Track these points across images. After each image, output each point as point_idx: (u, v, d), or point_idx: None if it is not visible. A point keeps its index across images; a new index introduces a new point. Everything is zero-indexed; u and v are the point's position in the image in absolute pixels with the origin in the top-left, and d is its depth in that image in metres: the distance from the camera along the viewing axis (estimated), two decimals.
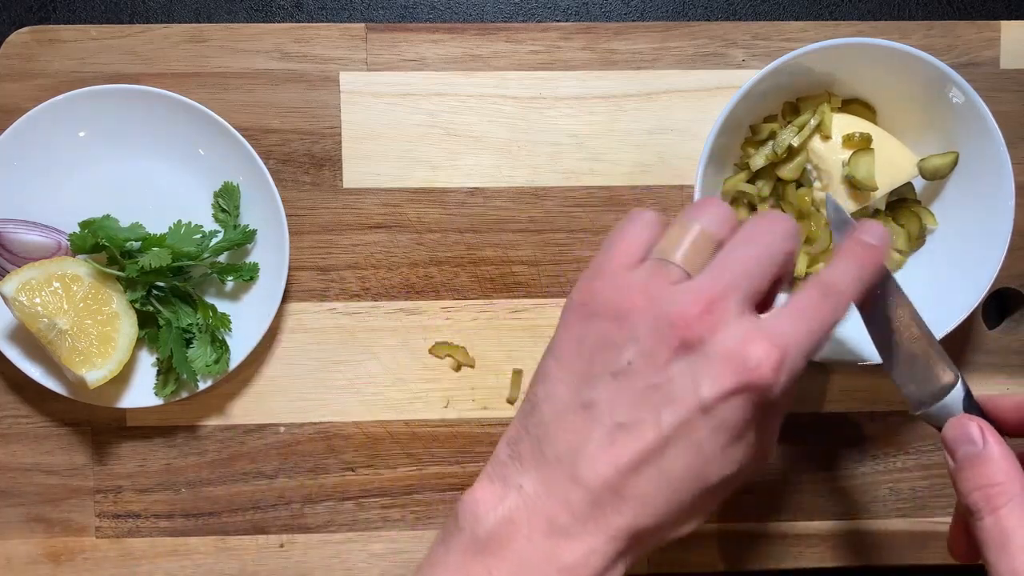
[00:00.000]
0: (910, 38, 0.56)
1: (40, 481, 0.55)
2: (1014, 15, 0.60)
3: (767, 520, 0.57)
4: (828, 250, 0.53)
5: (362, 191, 0.55)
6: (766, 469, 0.42)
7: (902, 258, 0.54)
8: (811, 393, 0.57)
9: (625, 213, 0.56)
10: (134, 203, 0.54)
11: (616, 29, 0.56)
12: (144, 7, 0.58)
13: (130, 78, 0.54)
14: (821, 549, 0.57)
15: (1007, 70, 0.56)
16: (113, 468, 0.55)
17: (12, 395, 0.55)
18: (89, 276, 0.52)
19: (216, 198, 0.54)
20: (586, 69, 0.56)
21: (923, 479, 0.57)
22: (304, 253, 0.55)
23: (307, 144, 0.55)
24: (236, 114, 0.54)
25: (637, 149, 0.56)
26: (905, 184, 0.54)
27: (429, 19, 0.58)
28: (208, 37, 0.54)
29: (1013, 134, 0.55)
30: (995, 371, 0.57)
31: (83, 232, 0.52)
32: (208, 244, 0.53)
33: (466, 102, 0.55)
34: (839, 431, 0.57)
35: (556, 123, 0.56)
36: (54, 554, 0.55)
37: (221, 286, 0.54)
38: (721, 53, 0.56)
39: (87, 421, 0.55)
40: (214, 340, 0.53)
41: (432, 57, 0.55)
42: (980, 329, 0.57)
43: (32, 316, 0.50)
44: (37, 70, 0.54)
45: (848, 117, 0.52)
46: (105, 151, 0.53)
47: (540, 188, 0.56)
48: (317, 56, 0.55)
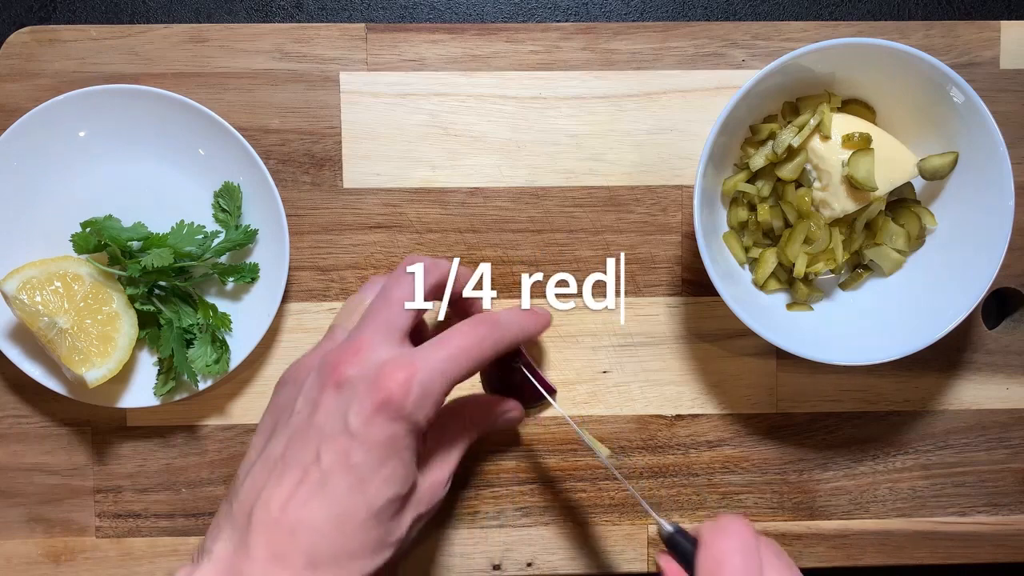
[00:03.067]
0: (910, 38, 0.56)
1: (40, 481, 0.55)
2: (1014, 15, 0.60)
3: (767, 520, 0.57)
4: (828, 250, 0.53)
5: (362, 191, 0.55)
6: (441, 496, 0.45)
7: (902, 258, 0.54)
8: (811, 393, 0.57)
9: (625, 213, 0.56)
10: (133, 203, 0.54)
11: (616, 29, 0.56)
12: (144, 7, 0.58)
13: (130, 78, 0.54)
14: (821, 549, 0.57)
15: (1007, 70, 0.56)
16: (113, 468, 0.55)
17: (12, 395, 0.55)
18: (90, 276, 0.52)
19: (216, 198, 0.54)
20: (586, 69, 0.56)
21: (923, 479, 0.57)
22: (304, 253, 0.55)
23: (307, 144, 0.55)
24: (236, 114, 0.54)
25: (637, 149, 0.56)
26: (905, 184, 0.54)
27: (429, 19, 0.58)
28: (208, 37, 0.55)
29: (1013, 134, 0.55)
30: (995, 371, 0.57)
31: (85, 232, 0.52)
32: (210, 245, 0.53)
33: (466, 102, 0.55)
34: (839, 431, 0.57)
35: (556, 123, 0.56)
36: (54, 554, 0.55)
37: (221, 286, 0.54)
38: (721, 53, 0.56)
39: (87, 421, 0.55)
40: (214, 340, 0.53)
41: (432, 57, 0.55)
42: (980, 329, 0.57)
43: (32, 315, 0.50)
44: (37, 70, 0.54)
45: (848, 117, 0.52)
46: (105, 151, 0.53)
47: (540, 188, 0.56)
48: (317, 56, 0.55)
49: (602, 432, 0.56)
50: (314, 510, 0.39)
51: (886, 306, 0.54)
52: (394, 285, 0.44)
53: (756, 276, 0.54)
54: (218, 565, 0.39)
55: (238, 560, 0.39)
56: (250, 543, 0.39)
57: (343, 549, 0.39)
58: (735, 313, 0.50)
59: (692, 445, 0.57)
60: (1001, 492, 0.57)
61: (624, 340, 0.56)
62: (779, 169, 0.53)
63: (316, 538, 0.39)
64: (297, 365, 0.46)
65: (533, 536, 0.56)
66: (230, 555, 0.39)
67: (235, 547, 0.40)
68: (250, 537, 0.39)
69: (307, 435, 0.41)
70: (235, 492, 0.42)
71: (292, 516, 0.39)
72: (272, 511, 0.39)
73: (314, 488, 0.40)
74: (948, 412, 0.57)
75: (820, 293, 0.55)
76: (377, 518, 0.40)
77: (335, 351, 0.43)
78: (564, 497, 0.56)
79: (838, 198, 0.51)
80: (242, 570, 0.39)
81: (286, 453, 0.41)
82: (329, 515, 0.39)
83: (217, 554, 0.40)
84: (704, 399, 0.56)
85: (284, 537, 0.39)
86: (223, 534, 0.40)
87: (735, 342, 0.56)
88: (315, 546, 0.39)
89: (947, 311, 0.51)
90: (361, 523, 0.40)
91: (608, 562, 0.57)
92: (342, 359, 0.42)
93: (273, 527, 0.39)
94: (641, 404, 0.56)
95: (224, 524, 0.41)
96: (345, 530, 0.39)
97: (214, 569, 0.39)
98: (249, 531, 0.39)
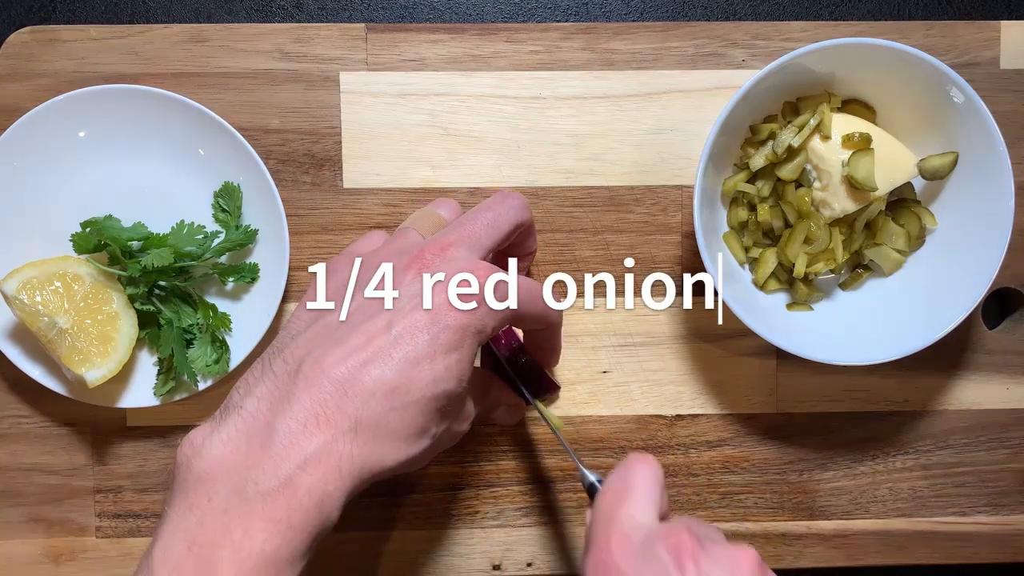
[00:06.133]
0: (910, 38, 0.56)
1: (40, 481, 0.55)
2: (1014, 15, 0.60)
3: (767, 520, 0.57)
4: (828, 250, 0.53)
5: (362, 191, 0.55)
6: (462, 431, 0.45)
7: (902, 258, 0.54)
8: (811, 393, 0.57)
9: (625, 213, 0.56)
10: (133, 203, 0.54)
11: (616, 29, 0.56)
12: (144, 7, 0.58)
13: (130, 78, 0.54)
14: (821, 549, 0.57)
15: (1007, 70, 0.56)
16: (113, 468, 0.55)
17: (12, 395, 0.55)
18: (90, 276, 0.52)
19: (217, 198, 0.54)
20: (586, 69, 0.56)
21: (923, 479, 0.57)
22: (304, 253, 0.55)
23: (307, 144, 0.55)
24: (236, 114, 0.54)
25: (637, 149, 0.56)
26: (905, 184, 0.54)
27: (429, 19, 0.58)
28: (208, 37, 0.55)
29: (1013, 134, 0.55)
30: (995, 371, 0.57)
31: (85, 232, 0.52)
32: (210, 245, 0.53)
33: (466, 102, 0.55)
34: (839, 431, 0.57)
35: (556, 123, 0.56)
36: (54, 554, 0.55)
37: (221, 286, 0.54)
38: (721, 53, 0.56)
39: (87, 421, 0.55)
40: (214, 340, 0.53)
41: (432, 57, 0.55)
42: (980, 329, 0.57)
43: (32, 315, 0.50)
44: (37, 70, 0.54)
45: (848, 117, 0.52)
46: (105, 151, 0.53)
47: (540, 188, 0.56)
48: (317, 56, 0.55)
49: (602, 432, 0.56)
50: (373, 373, 0.38)
51: (886, 306, 0.54)
52: (491, 207, 0.45)
53: (756, 276, 0.54)
54: (248, 420, 0.38)
55: (273, 415, 0.37)
56: (293, 397, 0.37)
57: (388, 423, 0.38)
58: (735, 313, 0.50)
59: (692, 445, 0.57)
60: (1001, 492, 0.57)
61: (624, 340, 0.56)
62: (779, 169, 0.53)
63: (367, 402, 0.38)
64: (350, 253, 0.46)
65: (533, 536, 0.56)
66: (265, 411, 0.38)
67: (272, 402, 0.38)
68: (294, 391, 0.37)
69: (377, 308, 0.40)
70: (278, 350, 0.40)
71: (347, 374, 0.38)
72: (326, 367, 0.38)
73: (378, 353, 0.38)
74: (948, 412, 0.57)
75: (820, 293, 0.55)
76: (429, 404, 0.39)
77: (420, 244, 0.43)
78: (564, 497, 0.56)
79: (838, 198, 0.51)
80: (276, 426, 0.37)
81: (351, 320, 0.40)
82: (387, 383, 0.38)
83: (248, 409, 0.38)
84: (704, 399, 0.56)
85: (334, 395, 0.37)
86: (257, 390, 0.39)
87: (735, 342, 0.56)
88: (363, 410, 0.37)
89: (947, 311, 0.51)
90: (414, 402, 0.38)
91: None
92: (429, 249, 0.42)
93: (324, 382, 0.38)
94: (641, 404, 0.56)
95: (261, 380, 0.39)
96: (395, 403, 0.38)
97: (244, 424, 0.37)
98: (294, 385, 0.38)
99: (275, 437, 0.37)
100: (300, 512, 0.36)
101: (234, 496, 0.36)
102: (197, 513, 0.36)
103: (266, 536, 0.35)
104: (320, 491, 0.36)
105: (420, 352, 0.39)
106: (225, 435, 0.37)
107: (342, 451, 0.37)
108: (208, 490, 0.36)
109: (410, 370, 0.38)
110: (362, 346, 0.39)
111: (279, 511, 0.36)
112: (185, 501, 0.36)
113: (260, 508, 0.36)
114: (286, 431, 0.37)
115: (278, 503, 0.36)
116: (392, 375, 0.38)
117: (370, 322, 0.40)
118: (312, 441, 0.37)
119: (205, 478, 0.36)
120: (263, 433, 0.37)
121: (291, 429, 0.37)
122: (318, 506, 0.36)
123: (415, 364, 0.39)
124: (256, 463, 0.36)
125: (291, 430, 0.37)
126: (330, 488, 0.37)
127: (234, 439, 0.37)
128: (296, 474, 0.36)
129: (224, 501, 0.36)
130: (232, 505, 0.36)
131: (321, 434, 0.37)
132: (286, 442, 0.37)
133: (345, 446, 0.37)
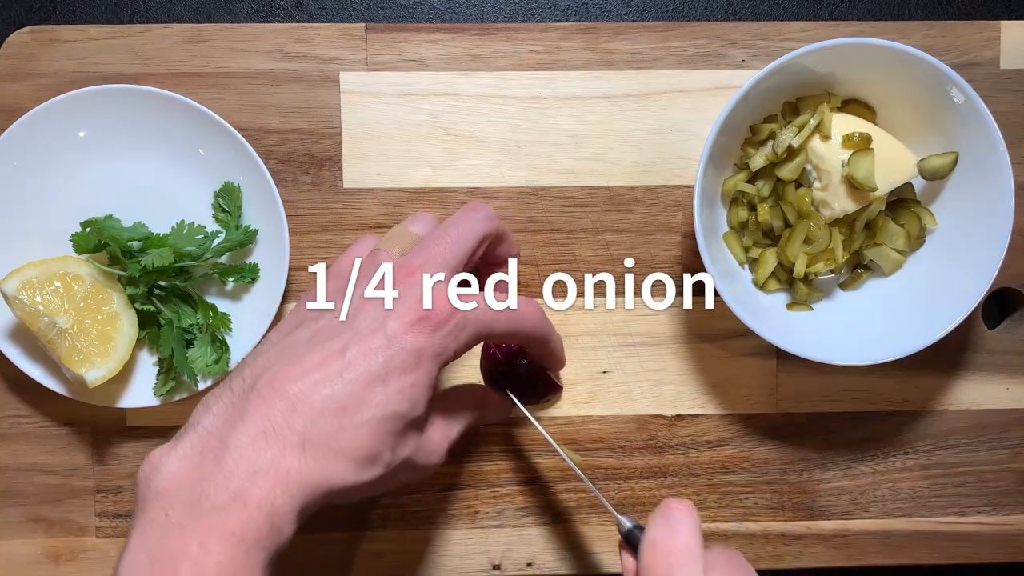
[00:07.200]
0: (910, 38, 0.56)
1: (40, 481, 0.55)
2: (1014, 15, 0.60)
3: (767, 520, 0.57)
4: (827, 250, 0.53)
5: (362, 191, 0.55)
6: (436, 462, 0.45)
7: (902, 258, 0.54)
8: (811, 393, 0.57)
9: (625, 213, 0.56)
10: (133, 203, 0.54)
11: (616, 29, 0.56)
12: (144, 7, 0.58)
13: (130, 78, 0.54)
14: (821, 549, 0.57)
15: (1007, 70, 0.56)
16: (113, 468, 0.55)
17: (12, 395, 0.55)
18: (90, 276, 0.52)
19: (217, 198, 0.54)
20: (586, 69, 0.56)
21: (923, 479, 0.57)
22: (304, 253, 0.55)
23: (307, 144, 0.55)
24: (236, 114, 0.54)
25: (637, 149, 0.56)
26: (905, 184, 0.54)
27: (429, 19, 0.58)
28: (208, 37, 0.55)
29: (1013, 134, 0.55)
30: (995, 371, 0.57)
31: (85, 232, 0.52)
32: (210, 245, 0.53)
33: (466, 102, 0.55)
34: (839, 431, 0.57)
35: (556, 123, 0.56)
36: (54, 554, 0.55)
37: (221, 286, 0.54)
38: (721, 53, 0.56)
39: (87, 421, 0.55)
40: (214, 340, 0.53)
41: (432, 57, 0.55)
42: (980, 329, 0.57)
43: (32, 315, 0.50)
44: (37, 70, 0.54)
45: (848, 117, 0.52)
46: (105, 151, 0.53)
47: (540, 188, 0.56)
48: (317, 56, 0.55)
49: (602, 432, 0.56)
50: (323, 392, 0.38)
51: (886, 306, 0.54)
52: (455, 223, 0.45)
53: (756, 276, 0.54)
54: (203, 436, 0.38)
55: (227, 431, 0.38)
56: (246, 413, 0.38)
57: (337, 441, 0.38)
58: (735, 313, 0.50)
59: (692, 445, 0.57)
60: (1001, 492, 0.57)
61: (624, 340, 0.56)
62: (779, 169, 0.53)
63: (316, 420, 0.38)
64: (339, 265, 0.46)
65: (533, 536, 0.56)
66: (219, 427, 0.38)
67: (227, 419, 0.38)
68: (247, 407, 0.38)
69: (338, 330, 0.41)
70: (239, 369, 0.41)
71: (297, 392, 0.38)
72: (278, 384, 0.39)
73: (331, 374, 0.39)
74: (948, 412, 0.57)
75: (820, 293, 0.55)
76: (380, 425, 0.39)
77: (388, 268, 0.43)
78: (564, 497, 0.56)
79: (838, 198, 0.51)
80: (228, 441, 0.37)
81: (311, 340, 0.41)
82: (337, 402, 0.38)
83: (204, 426, 0.39)
84: (704, 399, 0.56)
85: (284, 412, 0.38)
86: (215, 407, 0.39)
87: (735, 342, 0.56)
88: (311, 428, 0.38)
89: (947, 311, 0.51)
90: (364, 422, 0.39)
91: (608, 562, 0.57)
92: (395, 276, 0.42)
93: (274, 399, 0.38)
94: (641, 404, 0.56)
95: (219, 398, 0.40)
96: (345, 423, 0.38)
97: (199, 441, 0.38)
98: (248, 402, 0.38)
99: (227, 452, 0.37)
100: (251, 525, 0.36)
101: (189, 510, 0.37)
102: (158, 529, 0.37)
103: (220, 549, 0.36)
104: (269, 504, 0.37)
105: (372, 373, 0.39)
106: (181, 451, 0.38)
107: (290, 465, 0.38)
108: (165, 505, 0.37)
109: (361, 391, 0.39)
110: (317, 366, 0.39)
111: (231, 524, 0.36)
112: (146, 517, 0.37)
113: (213, 521, 0.36)
114: (237, 445, 0.37)
115: (231, 516, 0.36)
116: (343, 394, 0.39)
117: (329, 342, 0.40)
118: (261, 456, 0.37)
119: (163, 493, 0.37)
120: (216, 448, 0.38)
121: (241, 444, 0.37)
122: (268, 519, 0.37)
123: (366, 385, 0.39)
124: (209, 476, 0.37)
125: (241, 444, 0.37)
126: (279, 502, 0.37)
127: (189, 455, 0.38)
128: (245, 487, 0.37)
129: (180, 515, 0.37)
130: (187, 519, 0.37)
131: (269, 449, 0.38)
132: (236, 456, 0.37)
133: (293, 461, 0.38)
